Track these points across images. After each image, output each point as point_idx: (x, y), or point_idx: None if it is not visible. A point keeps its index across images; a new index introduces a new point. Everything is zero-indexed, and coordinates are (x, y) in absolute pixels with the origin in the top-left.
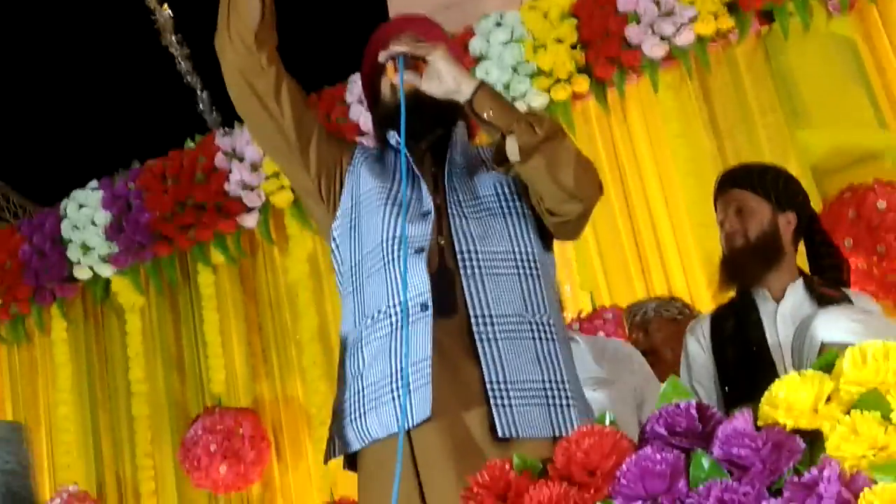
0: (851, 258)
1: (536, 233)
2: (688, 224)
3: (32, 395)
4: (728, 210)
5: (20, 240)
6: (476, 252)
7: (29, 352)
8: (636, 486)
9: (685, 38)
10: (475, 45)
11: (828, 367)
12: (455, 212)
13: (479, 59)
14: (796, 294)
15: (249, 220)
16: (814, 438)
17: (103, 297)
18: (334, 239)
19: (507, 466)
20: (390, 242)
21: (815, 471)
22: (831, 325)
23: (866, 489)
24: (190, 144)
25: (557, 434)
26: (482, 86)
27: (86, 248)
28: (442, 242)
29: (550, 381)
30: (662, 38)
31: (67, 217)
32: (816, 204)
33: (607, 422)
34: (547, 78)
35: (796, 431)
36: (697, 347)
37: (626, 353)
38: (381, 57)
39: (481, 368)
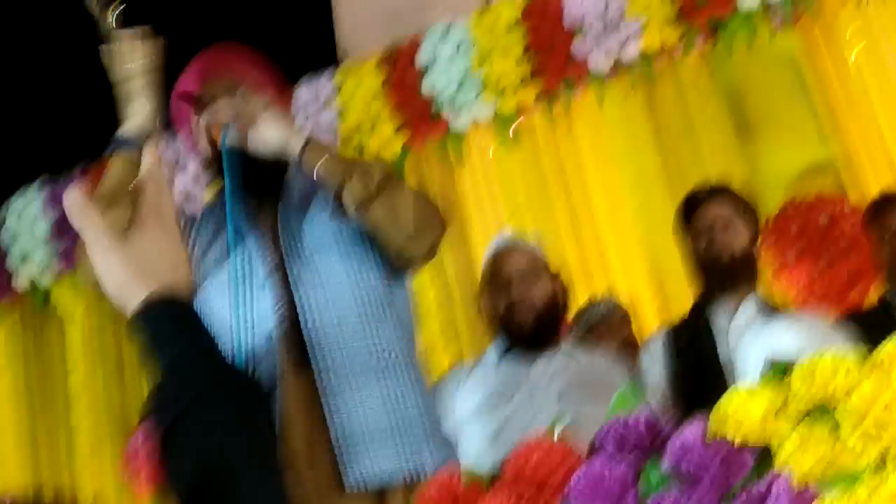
0: (795, 272)
1: (380, 269)
2: (634, 237)
3: None
4: (716, 220)
5: None
6: (317, 303)
7: None
8: (585, 499)
9: (631, 53)
10: (422, 56)
11: (776, 381)
12: (294, 263)
13: (425, 70)
14: (749, 309)
15: None
16: (763, 452)
17: (43, 305)
18: None
19: (455, 479)
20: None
21: (764, 484)
22: (781, 339)
23: (815, 503)
24: None
25: (408, 479)
26: (310, 143)
27: (26, 256)
28: (288, 297)
29: (399, 424)
30: (608, 53)
31: (6, 224)
32: (760, 218)
33: (556, 435)
34: (493, 89)
35: (745, 445)
36: (650, 362)
37: (610, 364)
38: (203, 121)
39: (328, 424)
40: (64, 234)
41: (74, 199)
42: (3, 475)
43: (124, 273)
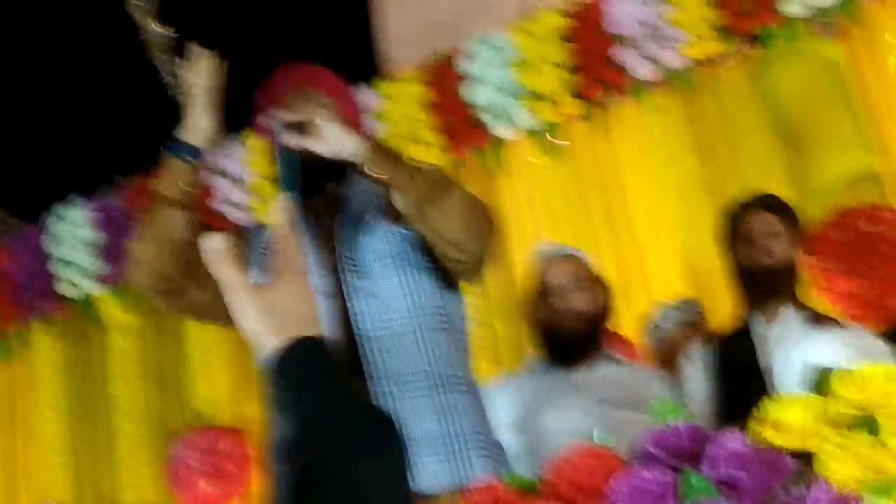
0: (839, 281)
1: (436, 280)
2: (674, 247)
3: (9, 411)
4: (759, 230)
5: (4, 256)
6: (372, 314)
7: (9, 368)
8: None
9: (673, 62)
10: (463, 66)
11: (819, 389)
12: (349, 274)
13: (467, 80)
14: (791, 318)
15: None
16: (805, 459)
17: (88, 315)
18: None
19: (499, 484)
20: None
21: (805, 490)
22: (820, 347)
23: None
24: None
25: (462, 484)
26: (366, 143)
27: (71, 266)
28: (342, 307)
29: (451, 434)
30: (651, 61)
31: (52, 233)
32: (803, 227)
33: (597, 441)
34: (535, 99)
35: (787, 451)
36: (693, 371)
37: (651, 373)
38: (267, 122)
39: None
40: (108, 244)
41: (216, 248)
42: (46, 481)
43: (263, 321)
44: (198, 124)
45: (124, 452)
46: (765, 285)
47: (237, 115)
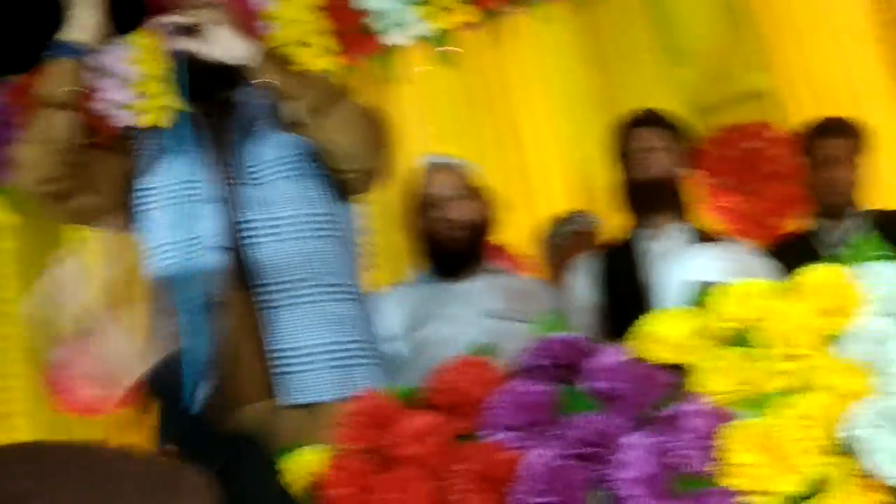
0: (724, 198)
1: (329, 190)
2: (562, 160)
3: None
4: (646, 145)
5: None
6: (260, 222)
7: None
8: (507, 416)
9: None
10: None
11: (697, 304)
12: (239, 181)
13: None
14: (675, 234)
15: None
16: (680, 373)
17: None
18: None
19: (379, 395)
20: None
21: (679, 404)
22: (701, 263)
23: (728, 424)
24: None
25: (347, 395)
26: (258, 49)
27: None
28: (233, 215)
29: (338, 343)
30: None
31: None
32: (689, 144)
33: (479, 353)
34: (429, 6)
35: (665, 365)
36: (578, 284)
37: (536, 284)
38: (152, 26)
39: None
40: None
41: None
42: None
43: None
44: (83, 22)
45: (8, 356)
46: (648, 199)
47: (125, 15)
